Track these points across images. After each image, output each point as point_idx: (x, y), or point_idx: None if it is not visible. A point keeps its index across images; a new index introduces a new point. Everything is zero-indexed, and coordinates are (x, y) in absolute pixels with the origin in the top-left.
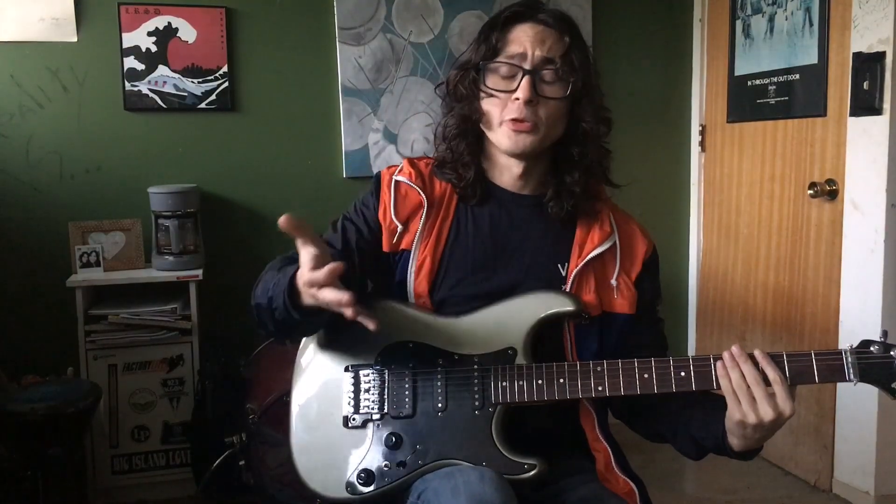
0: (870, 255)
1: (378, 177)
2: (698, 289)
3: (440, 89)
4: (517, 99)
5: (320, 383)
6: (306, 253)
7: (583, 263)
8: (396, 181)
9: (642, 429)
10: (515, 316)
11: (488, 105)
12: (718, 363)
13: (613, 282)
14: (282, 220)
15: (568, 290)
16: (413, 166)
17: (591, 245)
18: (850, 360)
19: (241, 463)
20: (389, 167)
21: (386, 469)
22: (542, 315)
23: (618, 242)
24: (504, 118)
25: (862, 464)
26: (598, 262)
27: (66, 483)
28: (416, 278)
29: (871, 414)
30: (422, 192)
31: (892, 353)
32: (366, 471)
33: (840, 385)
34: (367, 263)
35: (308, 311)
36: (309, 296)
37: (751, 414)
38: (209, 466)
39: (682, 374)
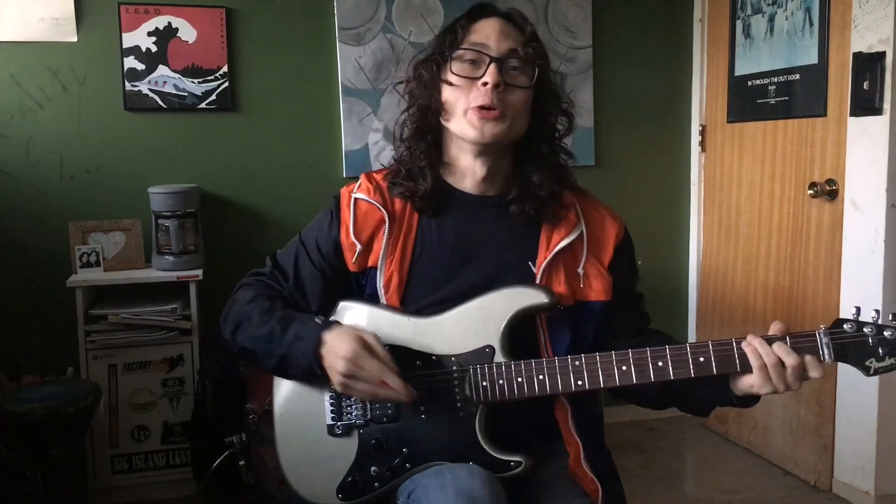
0: (870, 255)
1: (337, 197)
2: (698, 289)
3: (400, 87)
4: (485, 84)
5: (299, 394)
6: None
7: (551, 256)
8: (356, 199)
9: (645, 401)
10: (490, 313)
11: (452, 94)
12: (744, 343)
13: (580, 270)
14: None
15: (538, 283)
16: (371, 181)
17: (557, 237)
18: (823, 340)
19: (241, 463)
20: (349, 185)
21: (374, 474)
22: (517, 310)
23: (584, 231)
24: (470, 105)
25: (862, 464)
26: (568, 252)
27: (66, 483)
28: (387, 293)
29: (871, 414)
30: (382, 208)
31: (864, 330)
32: (355, 478)
33: (840, 385)
34: (330, 285)
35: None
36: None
37: (781, 386)
38: (209, 466)
39: (660, 363)
